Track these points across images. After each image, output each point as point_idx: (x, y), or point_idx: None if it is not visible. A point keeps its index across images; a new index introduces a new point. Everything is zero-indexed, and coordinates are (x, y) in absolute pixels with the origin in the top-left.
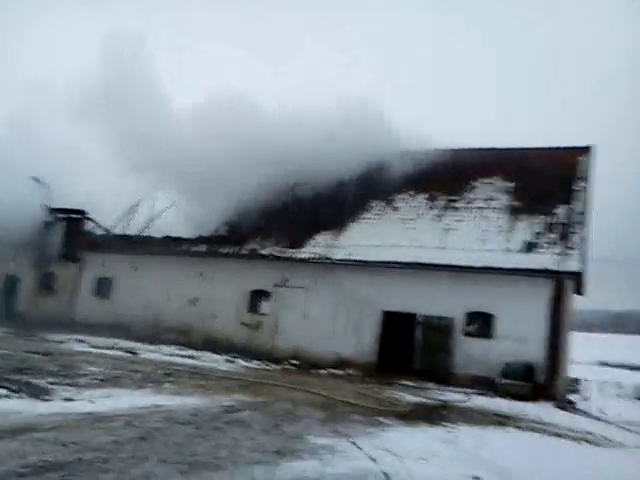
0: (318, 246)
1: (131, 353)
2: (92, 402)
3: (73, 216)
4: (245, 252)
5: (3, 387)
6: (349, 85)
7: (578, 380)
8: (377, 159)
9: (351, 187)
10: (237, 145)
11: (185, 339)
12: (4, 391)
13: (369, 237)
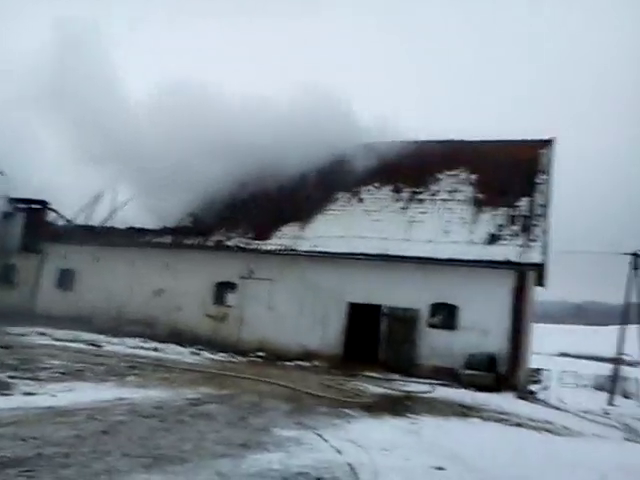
0: (284, 238)
1: (94, 346)
2: (54, 396)
3: (34, 206)
4: (210, 243)
5: None
6: (315, 77)
7: (539, 370)
8: (342, 151)
9: (316, 179)
10: (199, 136)
11: (149, 331)
12: None
13: (335, 229)
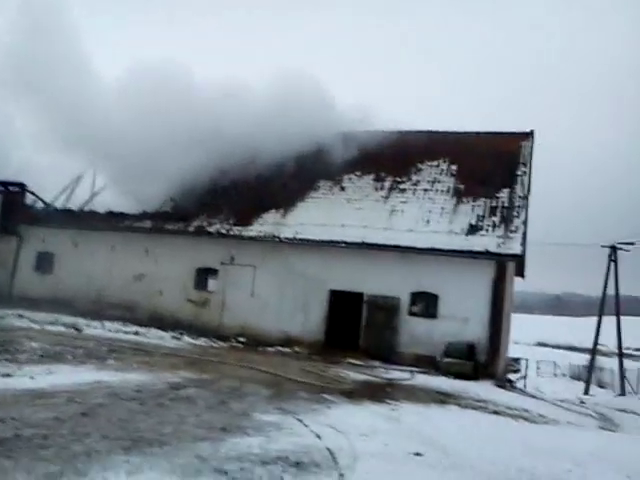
0: (266, 224)
1: (74, 329)
2: (32, 378)
3: (11, 189)
4: (191, 229)
5: None
6: (296, 64)
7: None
8: (324, 139)
9: (298, 166)
10: (175, 122)
11: (130, 315)
12: None
13: (316, 216)
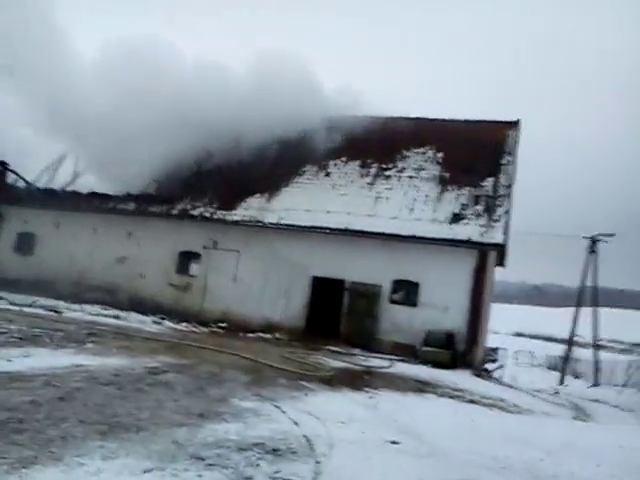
0: (250, 209)
1: (53, 311)
2: (9, 361)
3: None
4: (175, 212)
5: None
6: (282, 48)
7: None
8: (309, 124)
9: (283, 151)
10: (158, 103)
11: (111, 298)
12: None
13: (301, 202)
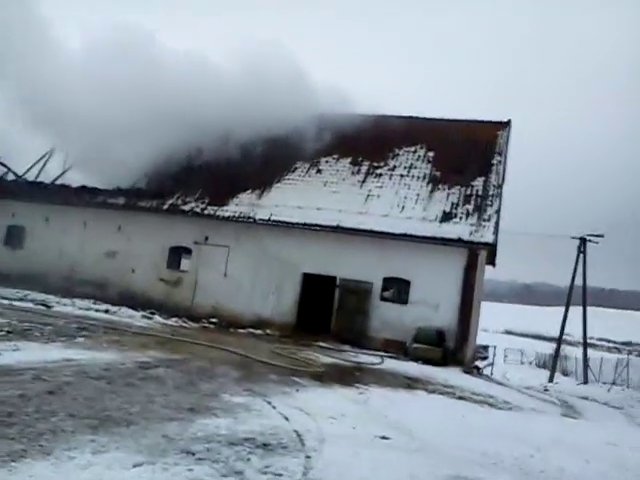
0: (241, 205)
1: (43, 305)
2: None
3: None
4: (165, 207)
5: None
6: (274, 44)
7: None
8: (301, 121)
9: (275, 147)
10: (146, 98)
11: (101, 293)
12: None
13: (292, 198)
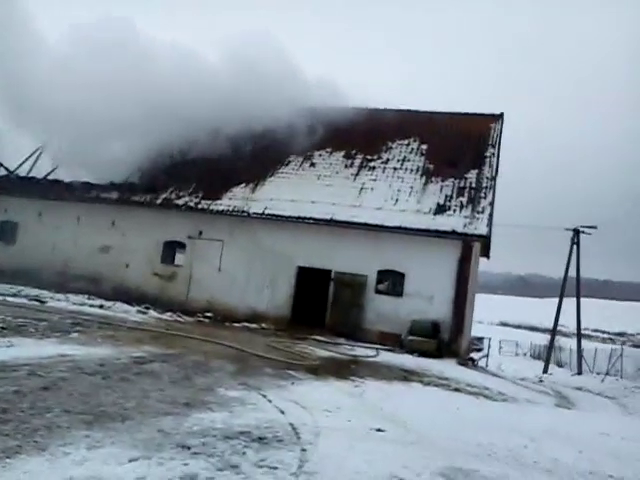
0: (235, 199)
1: (37, 301)
2: None
3: None
4: (159, 201)
5: None
6: (265, 36)
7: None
8: (295, 114)
9: (268, 141)
10: (138, 91)
11: (95, 288)
12: None
13: (286, 192)
